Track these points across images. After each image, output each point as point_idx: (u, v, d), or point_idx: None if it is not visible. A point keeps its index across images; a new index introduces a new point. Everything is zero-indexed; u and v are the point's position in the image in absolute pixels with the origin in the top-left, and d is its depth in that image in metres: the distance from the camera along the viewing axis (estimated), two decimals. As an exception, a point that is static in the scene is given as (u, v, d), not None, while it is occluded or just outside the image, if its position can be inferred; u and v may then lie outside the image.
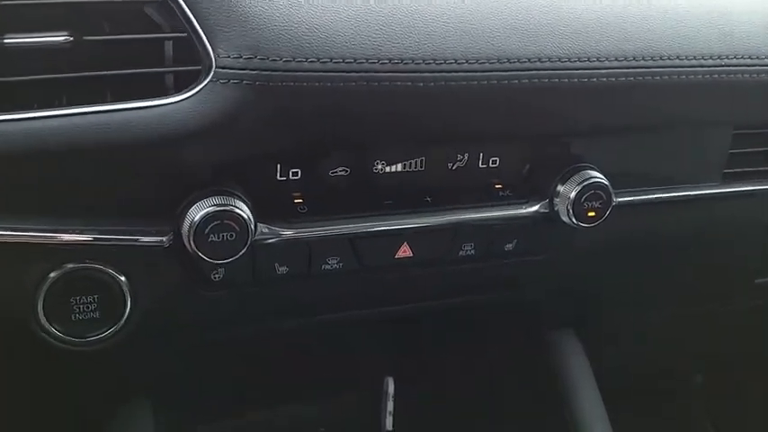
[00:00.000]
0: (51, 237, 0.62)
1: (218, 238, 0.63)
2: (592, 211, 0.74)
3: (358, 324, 0.91)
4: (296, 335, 0.93)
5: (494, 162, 0.75)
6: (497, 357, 1.05)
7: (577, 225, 0.75)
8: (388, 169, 0.72)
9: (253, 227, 0.64)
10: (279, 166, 0.68)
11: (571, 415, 0.94)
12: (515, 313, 0.94)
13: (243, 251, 0.64)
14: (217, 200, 0.62)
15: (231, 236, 0.63)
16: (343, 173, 0.71)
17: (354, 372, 1.13)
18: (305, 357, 1.05)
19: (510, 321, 0.96)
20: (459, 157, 0.73)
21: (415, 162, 0.72)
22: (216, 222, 0.62)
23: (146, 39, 0.59)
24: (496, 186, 0.75)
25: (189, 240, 0.62)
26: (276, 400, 1.09)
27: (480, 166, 0.74)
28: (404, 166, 0.72)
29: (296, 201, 0.69)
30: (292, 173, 0.69)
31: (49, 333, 0.65)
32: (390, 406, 1.10)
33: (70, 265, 0.63)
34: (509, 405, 1.04)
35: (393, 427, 1.10)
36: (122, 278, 0.65)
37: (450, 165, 0.73)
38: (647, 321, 1.06)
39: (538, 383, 1.00)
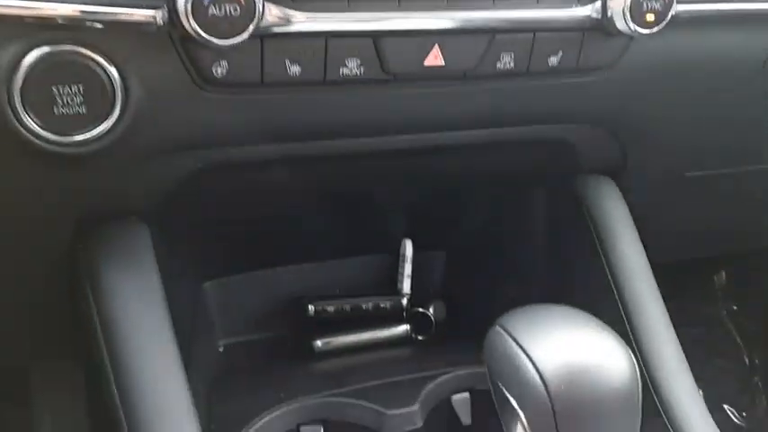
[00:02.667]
0: (30, 8, 0.53)
1: (220, 11, 0.54)
2: (651, 12, 0.64)
3: (377, 170, 0.83)
4: (311, 186, 0.84)
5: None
6: (526, 208, 0.97)
7: (633, 31, 0.65)
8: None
9: (261, 6, 0.55)
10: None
11: (610, 267, 0.86)
12: (550, 155, 0.85)
13: (249, 30, 0.55)
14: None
15: (235, 9, 0.54)
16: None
17: (371, 234, 1.05)
18: (320, 217, 0.97)
19: (542, 165, 0.87)
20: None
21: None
22: (217, -9, 0.53)
23: None
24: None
25: (186, 13, 0.53)
26: (288, 260, 1.02)
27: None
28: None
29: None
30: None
31: (27, 128, 0.57)
32: (408, 269, 1.03)
33: (50, 48, 0.55)
34: (540, 264, 0.97)
35: (411, 290, 1.03)
36: (112, 68, 0.57)
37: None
38: (689, 181, 0.98)
39: (570, 235, 0.92)
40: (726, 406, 1.79)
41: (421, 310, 1.02)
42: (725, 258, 1.80)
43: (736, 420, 1.81)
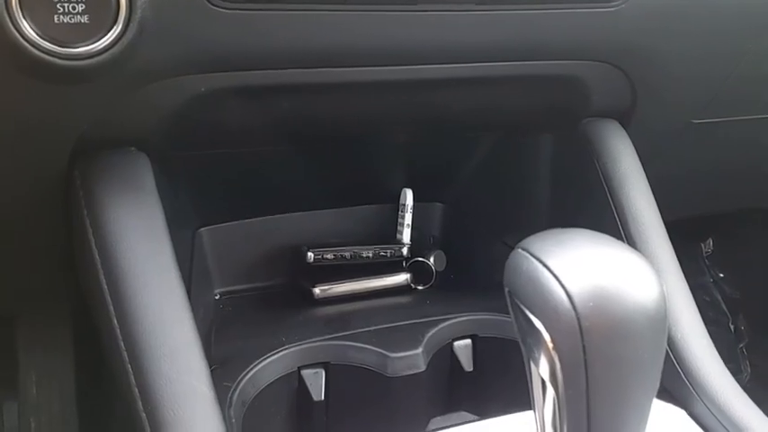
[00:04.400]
0: None
1: None
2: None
3: (384, 105, 0.80)
4: (314, 121, 0.82)
5: None
6: (532, 155, 0.95)
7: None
8: None
9: None
10: None
11: (620, 215, 0.85)
12: (561, 93, 0.83)
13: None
14: None
15: None
16: None
17: (371, 184, 1.03)
18: (320, 165, 0.95)
19: (553, 104, 0.85)
20: None
21: None
22: None
23: None
24: None
25: None
26: (287, 208, 0.99)
27: None
28: None
29: None
30: None
31: (25, 37, 0.54)
32: (408, 218, 1.01)
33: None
34: (543, 213, 0.95)
35: (411, 240, 1.01)
36: (116, -27, 0.54)
37: None
38: (697, 129, 0.96)
39: (577, 183, 0.90)
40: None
41: (421, 259, 1.01)
42: (713, 226, 1.81)
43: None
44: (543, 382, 0.53)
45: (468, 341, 0.90)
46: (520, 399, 0.59)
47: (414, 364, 0.83)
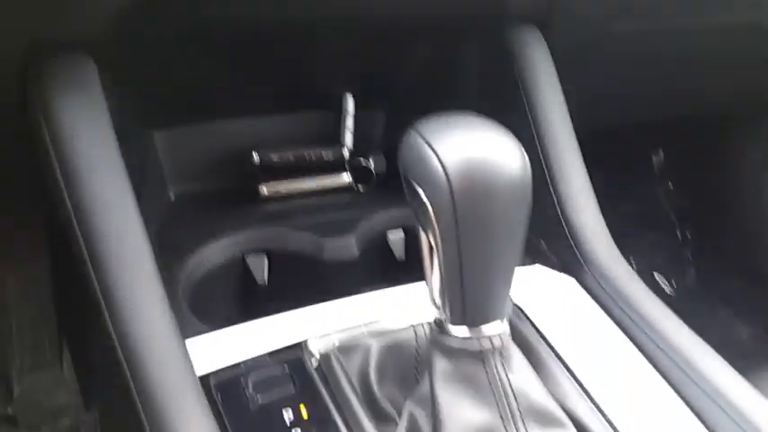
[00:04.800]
0: None
1: None
2: None
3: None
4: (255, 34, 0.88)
5: None
6: (459, 63, 1.02)
7: None
8: None
9: None
10: None
11: (533, 116, 0.93)
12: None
13: None
14: None
15: None
16: None
17: (315, 90, 1.10)
18: (266, 67, 1.01)
19: (471, 5, 0.92)
20: None
21: None
22: None
23: None
24: None
25: None
26: (237, 113, 1.07)
27: None
28: None
29: None
30: None
31: None
32: (350, 123, 1.09)
33: None
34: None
35: (353, 146, 1.09)
36: None
37: None
38: (616, 38, 1.03)
39: (499, 90, 0.97)
40: (656, 274, 1.92)
41: (362, 161, 1.09)
42: (664, 138, 1.89)
43: (665, 288, 1.96)
44: (430, 246, 0.63)
45: (401, 233, 0.99)
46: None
47: (347, 249, 0.92)
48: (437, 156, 0.58)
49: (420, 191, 0.60)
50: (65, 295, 1.30)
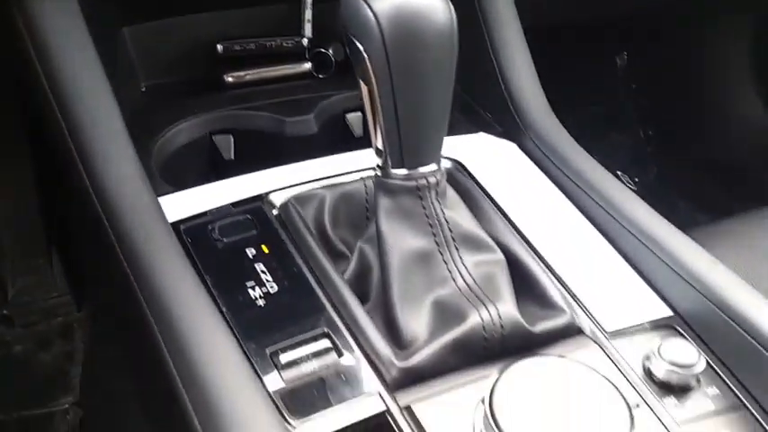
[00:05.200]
0: None
1: None
2: None
3: None
4: None
5: None
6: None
7: None
8: None
9: None
10: None
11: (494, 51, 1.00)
12: None
13: None
14: None
15: None
16: None
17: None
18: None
19: None
20: None
21: None
22: None
23: None
24: None
25: None
26: (199, 7, 1.12)
27: None
28: None
29: None
30: None
31: None
32: (308, 14, 1.14)
33: None
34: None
35: (312, 34, 1.15)
36: None
37: None
38: None
39: None
40: (619, 172, 2.01)
41: (322, 49, 1.15)
42: (627, 39, 1.95)
43: (629, 186, 2.04)
44: (370, 93, 0.70)
45: (359, 114, 1.06)
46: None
47: (307, 125, 1.00)
48: (370, 8, 0.65)
49: (357, 42, 0.67)
50: (51, 204, 1.38)
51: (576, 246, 0.82)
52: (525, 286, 0.74)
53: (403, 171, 0.71)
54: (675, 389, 0.67)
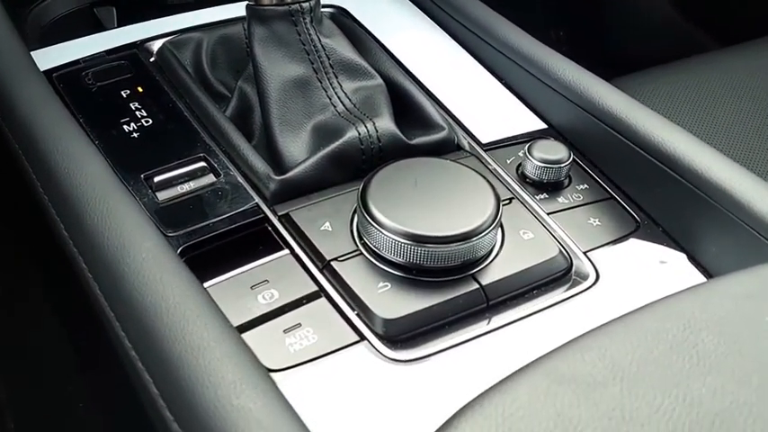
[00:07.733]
0: None
1: None
2: None
3: None
4: None
5: None
6: None
7: None
8: None
9: None
10: None
11: None
12: None
13: None
14: None
15: None
16: None
17: None
18: None
19: None
20: None
21: None
22: None
23: None
24: None
25: None
26: None
27: None
28: None
29: None
30: None
31: None
32: None
33: None
34: None
35: None
36: None
37: None
38: None
39: None
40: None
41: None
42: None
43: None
44: None
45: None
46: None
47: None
48: None
49: None
50: None
51: (455, 73, 0.82)
52: (407, 111, 0.74)
53: (275, -4, 0.70)
54: (547, 186, 0.69)
